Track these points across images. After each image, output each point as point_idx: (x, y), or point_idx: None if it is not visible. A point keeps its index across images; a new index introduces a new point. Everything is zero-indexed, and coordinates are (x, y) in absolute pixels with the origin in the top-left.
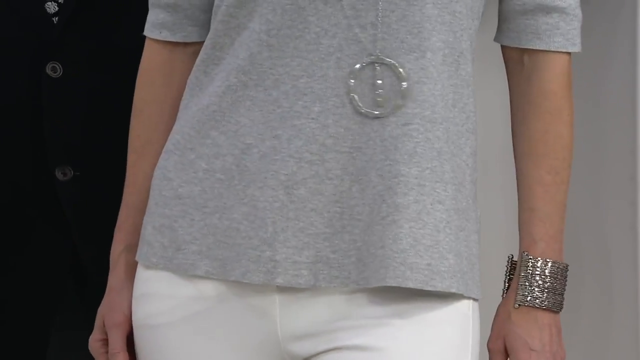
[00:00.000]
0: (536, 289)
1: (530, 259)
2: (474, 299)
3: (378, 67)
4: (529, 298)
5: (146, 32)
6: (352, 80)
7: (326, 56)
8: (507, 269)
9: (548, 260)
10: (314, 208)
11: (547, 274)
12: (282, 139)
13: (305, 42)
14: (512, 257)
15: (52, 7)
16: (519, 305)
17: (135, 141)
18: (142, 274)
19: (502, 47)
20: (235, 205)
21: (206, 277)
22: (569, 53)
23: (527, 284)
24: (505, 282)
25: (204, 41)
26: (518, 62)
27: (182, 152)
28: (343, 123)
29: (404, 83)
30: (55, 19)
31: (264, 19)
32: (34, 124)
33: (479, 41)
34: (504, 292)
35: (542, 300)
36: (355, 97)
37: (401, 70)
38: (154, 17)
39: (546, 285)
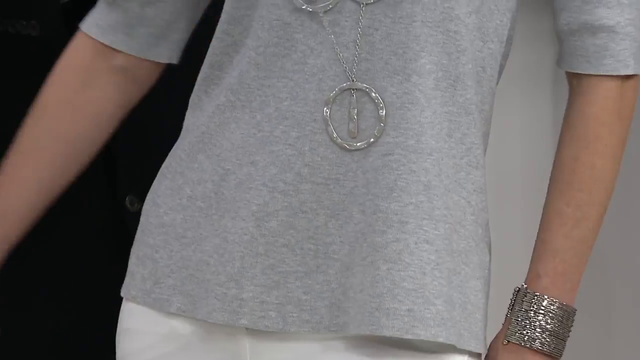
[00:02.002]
0: (529, 327)
1: (528, 293)
2: (474, 354)
3: (353, 94)
4: (517, 335)
5: (81, 25)
6: (327, 109)
7: (310, 77)
8: (512, 301)
9: (546, 297)
10: (286, 243)
11: (543, 312)
12: (259, 165)
13: (292, 62)
14: (518, 290)
15: None
16: (508, 341)
17: (25, 142)
18: (124, 306)
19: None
20: (209, 237)
21: (179, 315)
22: (623, 76)
23: (519, 319)
24: (506, 315)
25: (134, 57)
26: (571, 86)
27: (172, 177)
28: (320, 151)
29: (382, 111)
30: None
31: (255, 35)
32: (105, 151)
33: None
34: None
35: (534, 340)
36: (331, 126)
37: (378, 96)
38: (93, 11)
39: (541, 324)
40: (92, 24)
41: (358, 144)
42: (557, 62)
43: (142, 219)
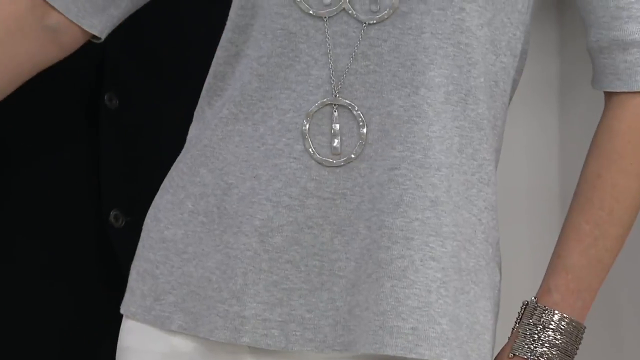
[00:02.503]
0: (536, 341)
1: (538, 307)
2: None
3: (335, 109)
4: (525, 349)
5: None
6: (307, 123)
7: (314, 89)
8: (519, 315)
9: (556, 312)
10: (290, 260)
11: (553, 328)
12: (262, 179)
13: (295, 73)
14: (527, 304)
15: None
16: (514, 354)
17: None
18: (124, 324)
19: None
20: (211, 253)
21: (180, 332)
22: None
23: (527, 332)
24: (513, 329)
25: (67, 20)
26: (605, 103)
27: (174, 190)
28: (327, 165)
29: (363, 130)
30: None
31: (257, 45)
32: (89, 163)
33: None
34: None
35: (541, 355)
36: (309, 141)
37: (360, 113)
38: None
39: (550, 339)
40: None
41: (335, 162)
42: (591, 82)
43: (143, 233)
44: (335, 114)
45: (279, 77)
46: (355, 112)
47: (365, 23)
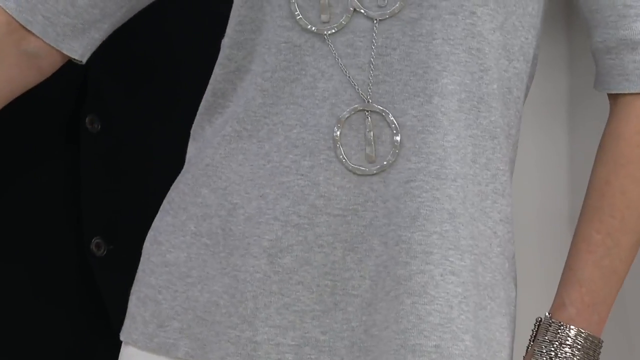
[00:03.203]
0: (552, 359)
1: (553, 323)
2: None
3: (368, 116)
4: None
5: None
6: (338, 130)
7: (320, 102)
8: (533, 332)
9: (572, 327)
10: (301, 280)
11: (570, 344)
12: (269, 198)
13: (302, 87)
14: (541, 320)
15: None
16: None
17: None
18: (124, 350)
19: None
20: (217, 276)
21: (187, 359)
22: None
23: (543, 350)
24: (527, 347)
25: (46, 44)
26: (610, 107)
27: (175, 212)
28: (336, 181)
29: (397, 136)
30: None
31: (261, 59)
32: (70, 189)
33: None
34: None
35: None
36: (341, 148)
37: (394, 120)
38: None
39: (567, 356)
40: None
41: (372, 169)
42: (595, 85)
43: (142, 258)
44: (369, 120)
45: (284, 92)
46: (389, 119)
47: (376, 20)
